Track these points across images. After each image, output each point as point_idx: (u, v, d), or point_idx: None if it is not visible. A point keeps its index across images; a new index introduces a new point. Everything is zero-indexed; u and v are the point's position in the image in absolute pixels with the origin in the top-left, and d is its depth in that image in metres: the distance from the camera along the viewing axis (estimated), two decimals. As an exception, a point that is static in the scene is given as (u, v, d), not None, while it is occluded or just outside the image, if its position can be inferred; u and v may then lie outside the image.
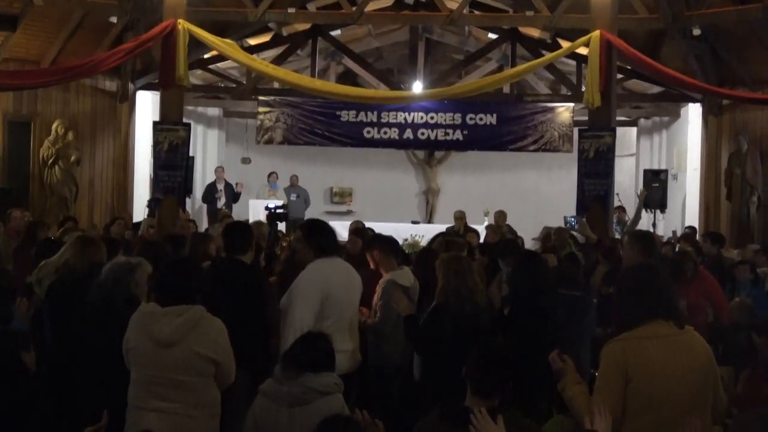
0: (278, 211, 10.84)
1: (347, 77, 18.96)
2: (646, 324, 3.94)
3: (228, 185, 17.62)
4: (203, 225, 16.73)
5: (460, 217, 14.12)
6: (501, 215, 14.10)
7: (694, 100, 15.98)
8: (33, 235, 9.45)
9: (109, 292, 5.24)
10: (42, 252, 7.17)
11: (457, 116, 16.20)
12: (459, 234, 11.80)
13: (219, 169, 18.04)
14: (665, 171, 16.89)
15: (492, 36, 16.57)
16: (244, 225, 6.72)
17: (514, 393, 4.16)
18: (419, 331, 5.87)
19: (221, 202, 17.28)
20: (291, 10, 13.98)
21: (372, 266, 6.79)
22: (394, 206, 20.42)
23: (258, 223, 10.69)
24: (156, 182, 12.90)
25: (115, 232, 10.63)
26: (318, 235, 6.03)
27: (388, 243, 6.85)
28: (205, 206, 17.88)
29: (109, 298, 5.22)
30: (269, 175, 18.62)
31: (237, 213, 15.85)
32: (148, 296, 5.32)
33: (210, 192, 17.48)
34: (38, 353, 4.84)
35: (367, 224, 11.35)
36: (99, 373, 5.04)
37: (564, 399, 4.15)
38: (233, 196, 17.59)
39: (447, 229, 13.34)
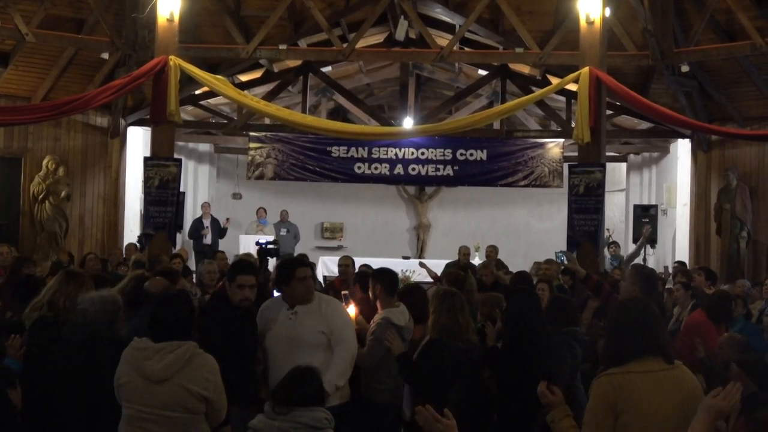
0: (269, 246, 10.74)
1: (338, 113, 19.05)
2: (635, 360, 3.95)
3: (215, 221, 17.56)
4: (192, 261, 16.65)
5: (466, 252, 14.05)
6: (493, 250, 14.02)
7: (684, 136, 16.08)
8: (18, 272, 9.36)
9: (97, 333, 5.08)
10: (23, 290, 6.93)
11: (448, 152, 16.27)
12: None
13: (205, 205, 17.99)
14: (655, 206, 16.94)
15: (482, 72, 16.68)
16: (245, 262, 6.65)
17: (502, 426, 4.15)
18: (413, 366, 5.83)
19: (208, 238, 17.21)
20: (282, 47, 14.02)
21: (371, 297, 6.74)
22: (385, 242, 20.44)
23: (246, 255, 10.64)
24: (146, 218, 12.85)
25: (90, 268, 10.43)
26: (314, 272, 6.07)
27: (391, 281, 6.78)
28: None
29: (95, 338, 5.06)
30: (257, 211, 18.63)
31: (227, 249, 15.77)
32: None
33: (196, 228, 17.39)
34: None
35: (358, 260, 11.32)
36: (80, 412, 4.96)
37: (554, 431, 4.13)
38: (220, 231, 17.53)
39: (448, 264, 13.26)
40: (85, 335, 5.08)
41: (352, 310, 6.57)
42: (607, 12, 12.43)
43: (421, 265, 13.49)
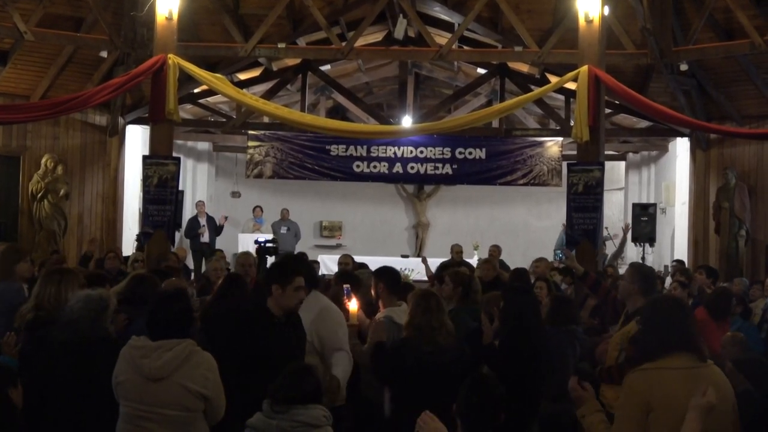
0: (268, 245, 10.72)
1: (337, 112, 19.05)
2: (668, 355, 3.95)
3: (210, 219, 17.45)
4: (190, 260, 16.63)
5: (458, 251, 14.05)
6: (496, 249, 13.98)
7: (682, 135, 16.08)
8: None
9: (82, 332, 5.05)
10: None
11: (447, 150, 16.28)
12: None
13: (200, 204, 17.91)
14: (654, 205, 16.94)
15: (481, 71, 16.67)
16: (296, 259, 6.58)
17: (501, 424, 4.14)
18: (383, 361, 5.78)
19: (205, 237, 17.12)
20: (281, 45, 14.02)
21: (373, 295, 6.71)
22: (384, 240, 20.43)
23: (245, 253, 10.63)
24: (145, 216, 12.83)
25: (109, 267, 10.53)
26: (308, 268, 5.97)
27: (394, 280, 6.74)
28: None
29: (80, 337, 5.03)
30: (254, 210, 18.62)
31: (225, 248, 15.76)
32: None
33: (192, 227, 17.22)
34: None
35: (357, 258, 11.31)
36: (73, 410, 4.96)
37: (583, 426, 4.16)
38: (216, 229, 17.45)
39: (442, 263, 13.26)
40: (70, 334, 5.06)
41: (354, 305, 6.49)
42: (606, 10, 12.41)
43: (423, 260, 13.48)
